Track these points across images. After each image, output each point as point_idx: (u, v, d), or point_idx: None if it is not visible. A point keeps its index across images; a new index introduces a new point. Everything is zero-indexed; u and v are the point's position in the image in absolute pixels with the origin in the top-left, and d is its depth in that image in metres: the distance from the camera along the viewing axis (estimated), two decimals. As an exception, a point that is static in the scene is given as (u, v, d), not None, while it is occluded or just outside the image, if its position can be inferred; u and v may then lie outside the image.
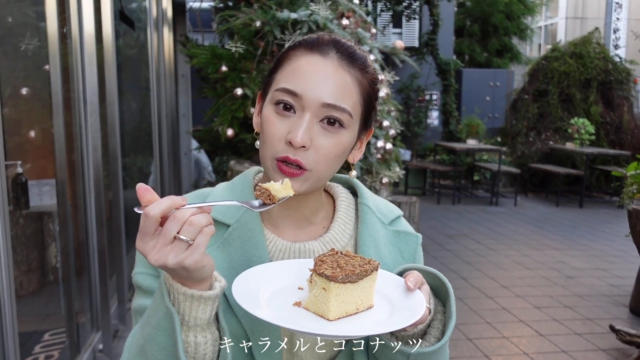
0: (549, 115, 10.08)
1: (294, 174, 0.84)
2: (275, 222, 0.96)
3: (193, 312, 0.75)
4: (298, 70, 0.86)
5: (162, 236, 0.68)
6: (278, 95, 0.85)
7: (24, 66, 3.23)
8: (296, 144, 0.82)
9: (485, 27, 13.00)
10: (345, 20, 4.29)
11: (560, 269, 5.36)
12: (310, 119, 0.84)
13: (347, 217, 1.00)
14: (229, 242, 0.91)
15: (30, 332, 3.20)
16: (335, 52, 0.87)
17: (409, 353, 0.83)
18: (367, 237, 0.97)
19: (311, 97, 0.83)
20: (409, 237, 1.01)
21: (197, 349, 0.77)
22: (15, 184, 2.94)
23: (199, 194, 0.98)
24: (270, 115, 0.86)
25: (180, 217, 0.68)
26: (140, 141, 5.34)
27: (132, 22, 4.85)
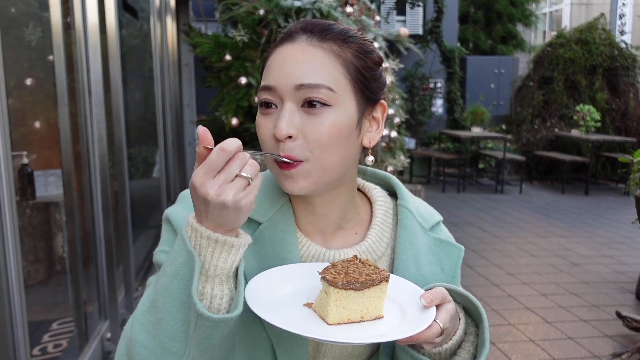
0: (554, 103, 10.02)
1: (289, 166, 0.79)
2: (304, 227, 0.90)
3: (215, 259, 0.72)
4: (271, 65, 0.82)
5: (225, 172, 0.68)
6: (260, 95, 0.82)
7: (28, 57, 3.22)
8: (279, 136, 0.77)
9: (490, 14, 12.91)
10: (349, 7, 4.27)
11: (566, 256, 5.35)
12: (290, 107, 0.79)
13: (385, 225, 0.93)
14: (260, 241, 0.86)
15: (38, 322, 3.22)
16: (304, 34, 0.82)
17: None
18: (406, 245, 0.91)
19: (283, 84, 0.79)
20: (451, 249, 0.95)
21: (212, 301, 0.73)
22: (21, 174, 2.95)
23: None
24: (258, 119, 0.83)
25: (243, 157, 0.69)
26: (145, 131, 5.34)
27: (135, 11, 4.83)
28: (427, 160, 9.80)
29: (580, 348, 3.37)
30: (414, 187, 6.34)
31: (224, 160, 0.68)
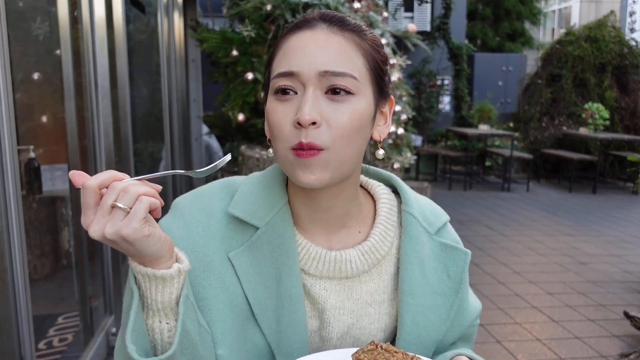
0: (562, 100, 9.96)
1: (310, 154, 0.75)
2: (306, 227, 0.88)
3: (153, 293, 0.71)
4: (288, 51, 0.79)
5: (100, 207, 0.65)
6: (275, 83, 0.78)
7: (35, 51, 3.22)
8: (305, 121, 0.73)
9: (498, 11, 12.85)
10: (357, 3, 4.25)
11: (573, 255, 5.32)
12: (313, 92, 0.76)
13: (388, 223, 0.91)
14: (257, 246, 0.84)
15: (44, 316, 3.23)
16: (323, 22, 0.80)
17: None
18: (411, 252, 0.89)
19: (307, 70, 0.76)
20: (457, 254, 0.93)
21: (162, 335, 0.73)
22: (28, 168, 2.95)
23: (228, 184, 0.90)
24: (274, 106, 0.78)
25: (116, 186, 0.65)
26: (152, 126, 5.34)
27: (142, 6, 4.83)
28: (433, 158, 9.76)
29: (587, 348, 3.34)
30: (420, 184, 6.31)
31: (91, 197, 0.65)
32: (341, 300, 0.88)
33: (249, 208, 0.85)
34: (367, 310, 0.89)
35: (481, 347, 3.35)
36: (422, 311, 0.89)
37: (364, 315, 0.89)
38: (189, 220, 0.85)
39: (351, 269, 0.87)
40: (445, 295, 0.91)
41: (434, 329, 0.90)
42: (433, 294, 0.90)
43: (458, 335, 0.97)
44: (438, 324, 0.91)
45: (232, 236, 0.84)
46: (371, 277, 0.89)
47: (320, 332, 0.88)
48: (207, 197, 0.88)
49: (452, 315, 0.92)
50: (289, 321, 0.83)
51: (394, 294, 0.92)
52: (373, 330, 0.90)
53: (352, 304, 0.88)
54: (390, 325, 0.92)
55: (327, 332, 0.87)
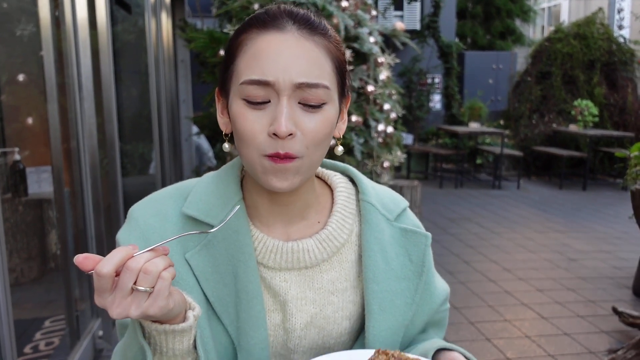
0: (552, 98, 10.00)
1: (285, 161, 0.76)
2: (265, 220, 0.88)
3: (169, 344, 0.72)
4: (259, 55, 0.76)
5: (119, 290, 0.64)
6: (245, 88, 0.76)
7: (19, 52, 3.19)
8: (282, 133, 0.74)
9: (488, 9, 12.87)
10: (345, 1, 4.23)
11: (563, 251, 5.33)
12: (288, 103, 0.75)
13: (346, 211, 0.91)
14: (213, 244, 0.84)
15: (31, 319, 3.20)
16: (293, 24, 0.78)
17: None
18: (372, 240, 0.90)
19: (282, 80, 0.75)
20: (417, 237, 0.93)
21: None
22: (13, 171, 2.92)
23: (181, 187, 0.90)
24: (243, 112, 0.77)
25: (133, 267, 0.64)
26: (140, 127, 5.31)
27: (129, 6, 4.80)
28: (424, 156, 9.77)
29: (576, 344, 3.35)
30: (410, 182, 6.31)
31: (107, 282, 0.64)
32: (302, 290, 0.87)
33: (203, 207, 0.85)
34: (330, 299, 0.89)
35: (471, 344, 3.35)
36: (387, 297, 0.89)
37: (327, 304, 0.89)
38: (144, 227, 0.84)
39: (309, 258, 0.87)
40: (409, 279, 0.92)
41: (400, 313, 0.90)
42: (397, 279, 0.91)
43: (426, 319, 0.97)
44: (404, 308, 0.91)
45: (188, 238, 0.84)
46: (332, 265, 0.89)
47: (284, 324, 0.87)
48: (160, 201, 0.87)
49: (418, 299, 0.92)
50: (247, 317, 0.83)
51: (357, 281, 0.91)
52: (338, 319, 0.90)
53: (313, 294, 0.88)
54: (355, 312, 0.92)
55: (290, 324, 0.87)
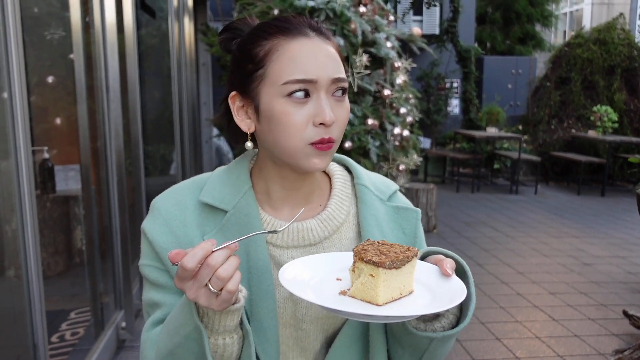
0: (571, 103, 9.96)
1: (329, 146, 0.89)
2: (274, 204, 0.99)
3: (222, 322, 0.83)
4: (296, 58, 0.87)
5: (197, 281, 0.76)
6: (289, 87, 0.87)
7: (50, 55, 3.34)
8: (329, 122, 0.87)
9: (508, 14, 12.85)
10: (363, 7, 4.32)
11: (578, 256, 5.36)
12: (326, 96, 0.88)
13: (343, 194, 1.02)
14: (227, 228, 0.94)
15: (57, 311, 3.34)
16: (312, 31, 0.91)
17: (433, 337, 0.88)
18: (369, 217, 1.00)
19: (322, 77, 0.87)
20: (408, 213, 1.04)
21: (225, 349, 0.86)
22: (42, 169, 3.06)
23: (196, 180, 1.01)
24: (287, 108, 0.87)
25: (212, 264, 0.75)
26: (162, 128, 5.45)
27: (153, 11, 4.95)
28: (442, 160, 9.80)
29: (586, 345, 3.39)
30: (426, 185, 6.38)
31: (190, 274, 0.75)
32: None
33: (217, 195, 0.96)
34: None
35: (480, 344, 3.41)
36: None
37: None
38: (167, 216, 0.96)
39: (313, 236, 0.98)
40: None
41: None
42: None
43: None
44: None
45: (205, 222, 0.96)
46: (332, 242, 0.99)
47: (292, 296, 0.97)
48: (179, 192, 0.99)
49: None
50: (257, 290, 0.94)
51: None
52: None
53: None
54: None
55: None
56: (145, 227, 0.96)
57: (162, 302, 0.94)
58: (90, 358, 2.85)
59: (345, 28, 4.04)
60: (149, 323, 0.95)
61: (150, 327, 0.95)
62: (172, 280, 0.94)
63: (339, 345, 0.97)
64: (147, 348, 0.93)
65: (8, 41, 1.92)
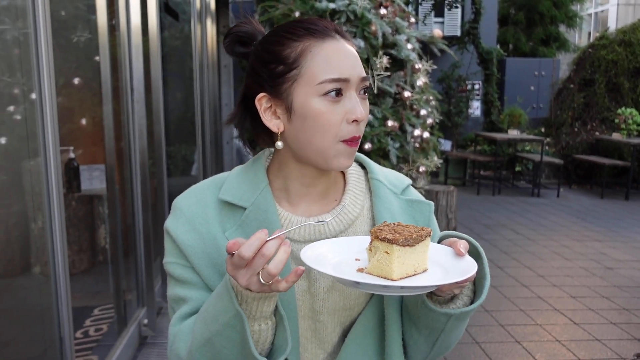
0: (595, 105, 9.84)
1: (357, 143, 0.94)
2: (291, 200, 1.02)
3: (260, 307, 0.87)
4: (331, 59, 0.92)
5: (250, 269, 0.81)
6: (326, 86, 0.91)
7: (76, 57, 3.41)
8: (362, 118, 0.93)
9: (531, 15, 12.72)
10: (383, 9, 4.33)
11: (600, 260, 5.29)
12: (356, 94, 0.93)
13: (357, 189, 1.05)
14: (247, 224, 0.98)
15: (81, 308, 3.42)
16: (337, 33, 0.95)
17: (451, 314, 0.92)
18: (383, 210, 1.02)
19: (354, 76, 0.92)
20: (422, 206, 1.07)
21: (261, 334, 0.89)
22: (68, 168, 3.13)
23: (215, 179, 1.05)
24: (324, 106, 0.91)
25: (267, 254, 0.79)
26: (184, 130, 5.52)
27: (176, 14, 5.02)
28: (462, 162, 9.75)
29: (607, 349, 3.36)
30: (446, 187, 6.35)
31: (244, 262, 0.80)
32: None
33: (236, 193, 1.00)
34: None
35: (499, 346, 3.40)
36: None
37: None
38: (189, 214, 0.99)
39: (329, 230, 1.01)
40: None
41: None
42: None
43: None
44: None
45: (226, 219, 0.99)
46: (348, 235, 1.02)
47: (310, 289, 1.00)
48: (199, 191, 1.03)
49: None
50: None
51: None
52: None
53: None
54: None
55: (315, 288, 1.00)
56: (168, 226, 1.00)
57: (188, 298, 0.97)
58: (114, 354, 2.91)
59: (365, 30, 4.05)
60: (176, 318, 0.98)
61: (177, 322, 0.97)
62: (197, 276, 0.97)
63: (355, 335, 1.00)
64: (177, 341, 0.95)
65: (39, 44, 1.98)
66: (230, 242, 0.80)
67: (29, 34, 1.99)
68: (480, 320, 3.75)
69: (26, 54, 2.04)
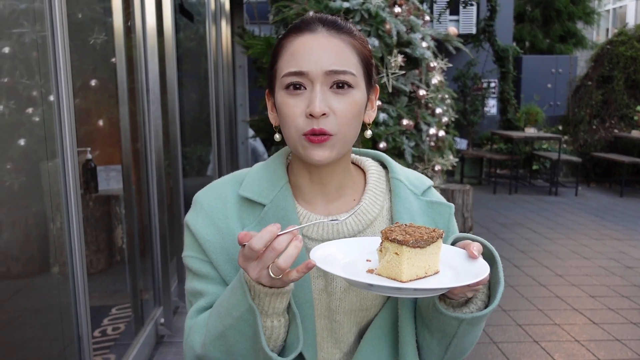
0: (613, 102, 9.71)
1: (321, 139, 0.91)
2: (308, 199, 1.02)
3: (272, 304, 0.87)
4: (295, 52, 0.92)
5: (261, 262, 0.81)
6: (285, 80, 0.92)
7: (93, 59, 3.44)
8: (316, 113, 0.89)
9: (548, 12, 12.58)
10: (398, 7, 4.31)
11: (619, 259, 5.22)
12: (320, 88, 0.90)
13: (377, 189, 1.04)
14: (266, 221, 0.97)
15: (99, 307, 3.45)
16: (322, 26, 0.94)
17: (462, 318, 0.90)
18: (402, 210, 1.01)
19: (314, 69, 0.90)
20: (442, 207, 1.06)
21: (273, 331, 0.90)
22: (85, 169, 3.16)
23: (237, 175, 1.05)
24: (285, 99, 0.92)
25: (278, 248, 0.79)
26: (200, 130, 5.55)
27: (191, 15, 5.05)
28: (478, 161, 9.68)
29: (627, 350, 3.31)
30: (462, 186, 6.31)
31: (256, 255, 0.80)
32: None
33: (256, 189, 1.00)
34: None
35: (517, 346, 3.37)
36: None
37: None
38: (209, 209, 1.00)
39: (347, 230, 1.00)
40: None
41: None
42: None
43: None
44: None
45: (245, 216, 0.99)
46: (366, 235, 1.01)
47: (327, 288, 1.00)
48: (219, 187, 1.03)
49: None
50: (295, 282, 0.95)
51: None
52: None
53: None
54: None
55: (332, 288, 0.99)
56: (188, 220, 1.00)
57: (205, 291, 0.98)
58: (131, 353, 2.93)
59: (380, 29, 4.04)
60: (193, 311, 0.99)
61: (194, 315, 0.98)
62: (214, 271, 0.98)
63: (370, 337, 1.00)
64: (192, 334, 0.96)
65: (56, 47, 2.00)
66: (241, 233, 0.81)
67: (47, 37, 2.02)
68: (497, 320, 3.72)
69: (44, 57, 2.06)
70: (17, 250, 2.41)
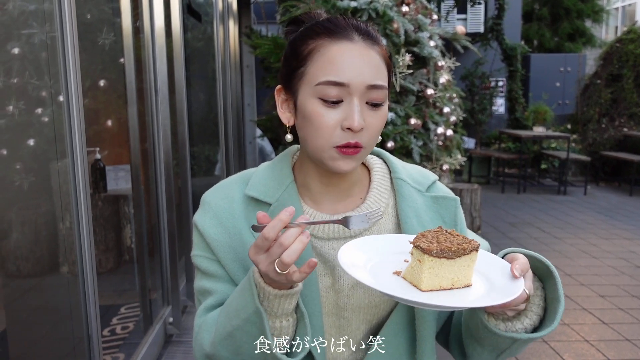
0: (623, 101, 9.64)
1: (354, 152, 0.91)
2: (315, 198, 1.02)
3: (282, 305, 0.87)
4: (335, 61, 0.89)
5: (269, 256, 0.81)
6: (322, 89, 0.89)
7: (101, 60, 3.46)
8: (356, 128, 0.88)
9: (556, 10, 12.52)
10: (405, 7, 4.30)
11: (629, 258, 5.19)
12: (359, 102, 0.89)
13: (382, 187, 1.04)
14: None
15: (108, 306, 3.46)
16: (359, 35, 0.91)
17: (517, 338, 0.87)
18: (407, 209, 1.02)
19: (356, 83, 0.88)
20: (447, 201, 1.06)
21: (282, 331, 0.90)
22: (94, 169, 3.17)
23: (243, 174, 1.05)
24: (319, 109, 0.90)
25: (285, 243, 0.80)
26: (208, 130, 5.56)
27: (199, 15, 5.06)
28: (486, 161, 9.64)
29: (637, 349, 3.29)
30: (470, 186, 6.29)
31: (268, 245, 0.80)
32: None
33: (262, 189, 1.00)
34: None
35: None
36: None
37: None
38: (216, 209, 1.00)
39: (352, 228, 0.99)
40: None
41: None
42: None
43: None
44: None
45: (252, 215, 1.00)
46: (372, 234, 1.01)
47: (334, 286, 1.00)
48: (227, 187, 1.04)
49: None
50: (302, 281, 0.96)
51: None
52: None
53: None
54: None
55: (339, 285, 1.00)
56: (196, 220, 1.01)
57: (213, 290, 0.99)
58: (140, 352, 2.94)
59: (387, 28, 4.03)
60: (202, 309, 1.00)
61: (203, 313, 0.99)
62: (222, 270, 0.98)
63: (386, 333, 0.99)
64: (201, 332, 0.97)
65: (65, 47, 2.01)
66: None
67: (56, 38, 2.03)
68: (506, 320, 3.70)
69: (53, 57, 2.07)
70: (27, 250, 2.43)
